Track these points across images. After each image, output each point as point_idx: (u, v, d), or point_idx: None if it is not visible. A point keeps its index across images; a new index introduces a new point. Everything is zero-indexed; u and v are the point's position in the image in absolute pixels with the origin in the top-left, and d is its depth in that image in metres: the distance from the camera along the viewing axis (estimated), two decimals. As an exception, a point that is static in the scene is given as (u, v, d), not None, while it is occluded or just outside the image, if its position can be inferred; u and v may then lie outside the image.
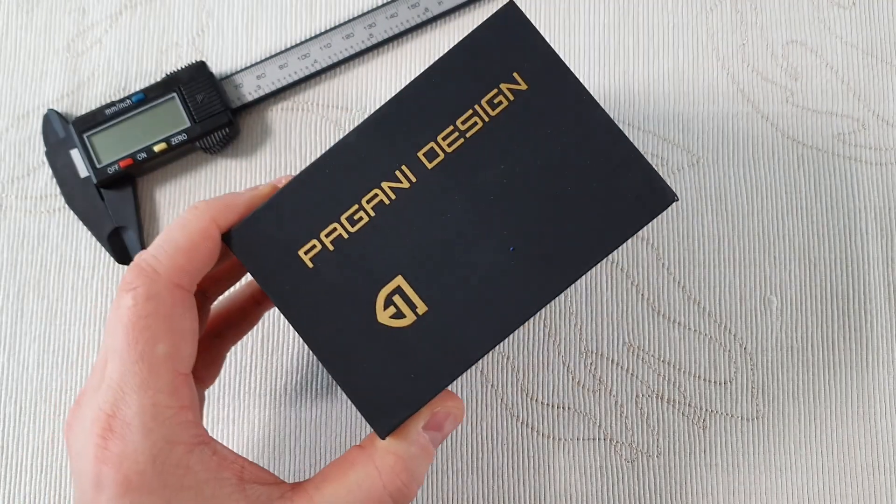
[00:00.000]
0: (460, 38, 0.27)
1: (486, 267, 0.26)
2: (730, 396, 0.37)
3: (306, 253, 0.27)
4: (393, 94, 0.27)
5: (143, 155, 0.38)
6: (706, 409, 0.37)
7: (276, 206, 0.27)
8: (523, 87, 0.27)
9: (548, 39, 0.41)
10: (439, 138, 0.27)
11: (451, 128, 0.27)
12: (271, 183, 0.29)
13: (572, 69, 0.39)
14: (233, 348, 0.37)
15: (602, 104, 0.40)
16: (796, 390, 0.37)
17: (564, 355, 0.38)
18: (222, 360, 0.33)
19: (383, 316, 0.26)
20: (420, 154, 0.27)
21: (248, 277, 0.35)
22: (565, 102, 0.27)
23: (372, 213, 0.27)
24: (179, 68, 0.39)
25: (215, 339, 0.32)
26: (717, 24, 0.41)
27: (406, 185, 0.27)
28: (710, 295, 0.38)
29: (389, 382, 0.26)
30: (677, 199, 0.27)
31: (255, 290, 0.33)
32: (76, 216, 0.39)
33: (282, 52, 0.40)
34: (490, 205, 0.27)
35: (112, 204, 0.38)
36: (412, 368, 0.26)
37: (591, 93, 0.27)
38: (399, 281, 0.26)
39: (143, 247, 0.38)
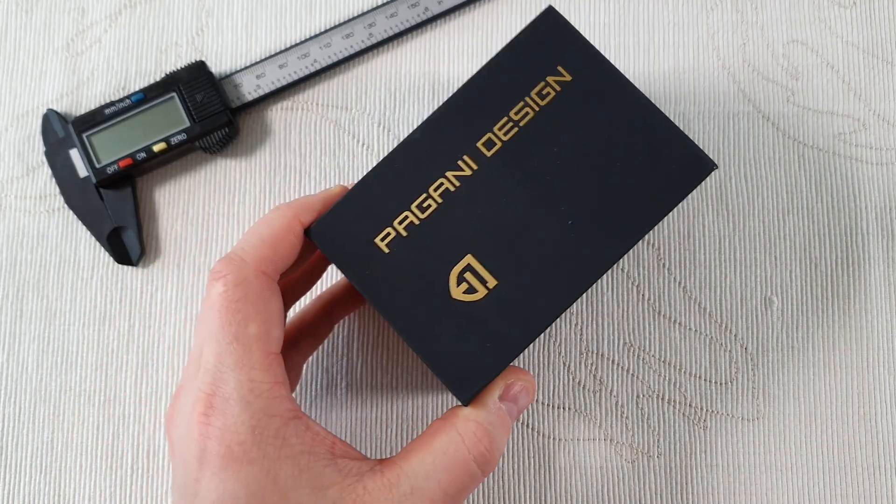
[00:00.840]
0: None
1: (548, 240, 0.29)
2: (730, 397, 0.37)
3: (382, 240, 0.29)
4: (446, 96, 0.30)
5: (143, 155, 0.38)
6: (707, 410, 0.37)
7: (351, 201, 0.29)
8: (568, 78, 0.30)
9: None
10: (495, 129, 0.30)
11: (506, 119, 0.30)
12: (340, 185, 0.31)
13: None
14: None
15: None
16: (797, 390, 0.37)
17: (565, 355, 0.37)
18: (300, 371, 0.35)
19: (457, 292, 0.28)
20: (479, 144, 0.30)
21: (318, 291, 0.36)
22: (606, 88, 0.30)
23: (439, 200, 0.29)
24: (179, 68, 0.39)
25: (292, 349, 0.33)
26: (717, 24, 0.41)
27: (468, 172, 0.29)
28: (711, 295, 0.38)
29: (467, 352, 0.28)
30: (717, 167, 0.29)
31: (326, 303, 0.35)
32: (75, 216, 0.39)
33: (281, 52, 0.40)
34: (546, 184, 0.29)
35: (111, 204, 0.38)
36: (487, 338, 0.28)
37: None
38: (469, 259, 0.29)
39: (143, 247, 0.38)
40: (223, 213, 0.39)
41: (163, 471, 0.37)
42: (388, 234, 0.29)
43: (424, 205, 0.29)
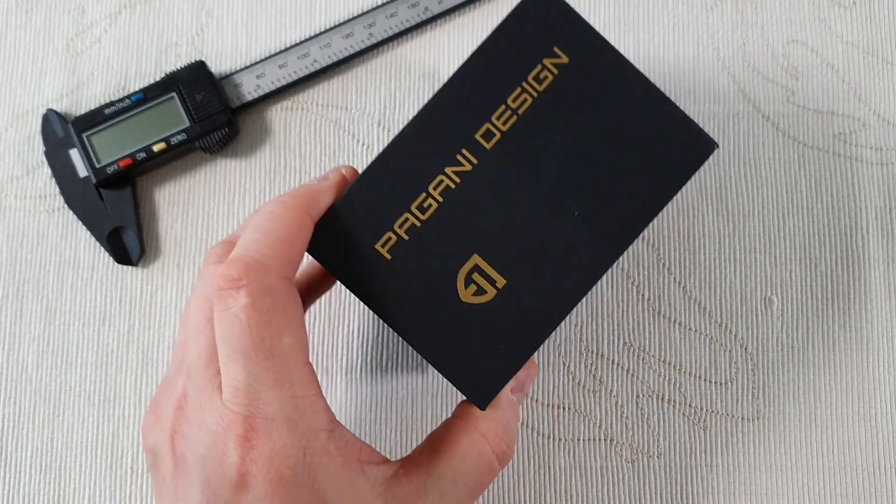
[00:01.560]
0: (495, 24, 0.29)
1: (555, 233, 0.28)
2: (730, 397, 0.37)
3: (383, 246, 0.28)
4: (439, 87, 0.28)
5: (143, 155, 0.38)
6: (707, 410, 0.37)
7: (346, 207, 0.28)
8: (565, 59, 0.28)
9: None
10: (493, 118, 0.28)
11: (504, 107, 0.28)
12: (336, 169, 0.29)
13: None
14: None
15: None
16: (797, 390, 0.37)
17: (564, 355, 0.37)
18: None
19: (466, 294, 0.27)
20: (478, 136, 0.28)
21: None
22: (604, 69, 0.28)
23: (440, 199, 0.28)
24: (179, 68, 0.39)
25: None
26: (717, 23, 0.41)
27: (468, 167, 0.28)
28: (711, 295, 0.38)
29: (482, 356, 0.27)
30: (717, 146, 0.29)
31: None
32: (75, 216, 0.39)
33: (281, 52, 0.40)
34: (550, 174, 0.28)
35: (111, 204, 0.38)
36: (501, 339, 0.27)
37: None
38: (476, 259, 0.28)
39: (143, 247, 0.38)
40: (223, 213, 0.39)
41: (163, 471, 0.37)
42: (389, 238, 0.28)
43: (425, 205, 0.28)
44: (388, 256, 0.28)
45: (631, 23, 0.41)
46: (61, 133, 0.39)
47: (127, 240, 0.38)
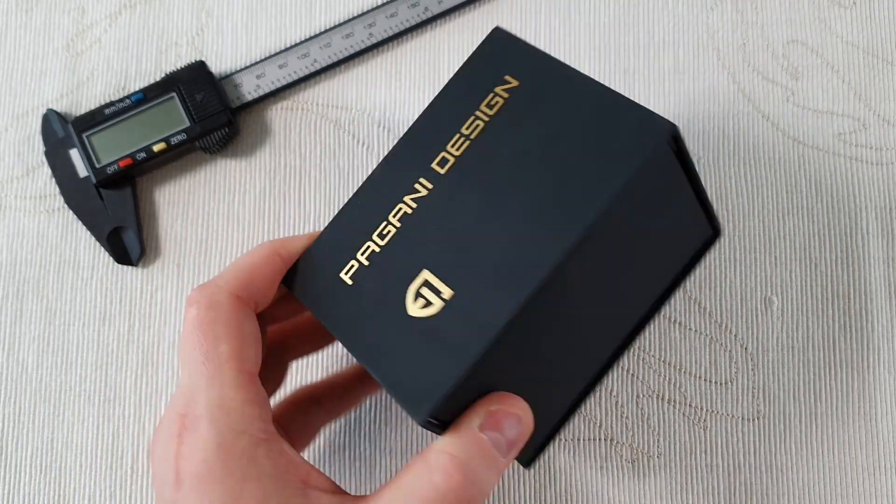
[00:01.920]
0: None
1: (502, 240, 0.27)
2: (730, 397, 0.37)
3: (346, 273, 0.29)
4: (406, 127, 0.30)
5: (143, 155, 0.38)
6: (707, 410, 0.37)
7: (320, 244, 0.30)
8: (515, 84, 0.29)
9: (548, 39, 0.41)
10: (448, 147, 0.29)
11: (458, 135, 0.29)
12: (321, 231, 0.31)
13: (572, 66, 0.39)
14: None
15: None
16: (797, 390, 0.37)
17: (565, 355, 0.37)
18: (285, 368, 0.34)
19: (413, 309, 0.27)
20: (433, 165, 0.29)
21: None
22: (554, 83, 0.28)
23: (398, 225, 0.29)
24: (179, 68, 0.39)
25: (279, 347, 0.33)
26: (717, 24, 0.41)
27: (424, 193, 0.29)
28: (711, 295, 0.38)
29: (424, 368, 0.26)
30: (674, 127, 0.26)
31: None
32: (75, 216, 0.39)
33: (281, 52, 0.40)
34: (501, 187, 0.28)
35: (111, 204, 0.38)
36: (444, 350, 0.26)
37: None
38: (425, 274, 0.28)
39: (143, 247, 0.38)
40: (223, 213, 0.39)
41: (163, 471, 0.37)
42: (352, 266, 0.29)
43: (384, 232, 0.29)
44: (350, 282, 0.28)
45: (631, 23, 0.41)
46: (61, 133, 0.39)
47: (127, 240, 0.38)
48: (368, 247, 0.29)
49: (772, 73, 0.40)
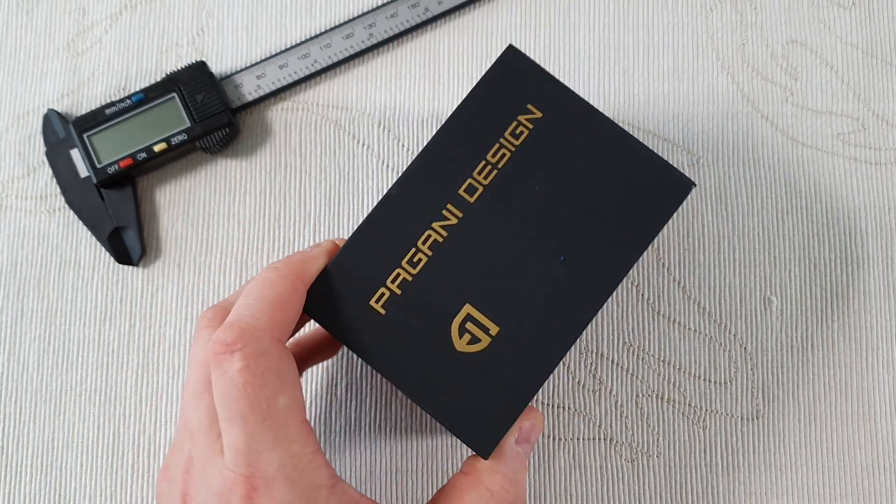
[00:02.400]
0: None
1: (543, 279, 0.28)
2: (730, 396, 0.37)
3: (377, 301, 0.28)
4: (424, 145, 0.30)
5: (143, 155, 0.38)
6: (706, 409, 0.37)
7: (340, 266, 0.29)
8: (538, 115, 0.30)
9: (548, 39, 0.41)
10: (475, 174, 0.29)
11: (484, 163, 0.29)
12: (330, 240, 0.30)
13: (573, 70, 0.40)
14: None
15: (602, 104, 0.40)
16: (796, 390, 0.37)
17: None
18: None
19: (461, 344, 0.28)
20: (461, 191, 0.29)
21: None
22: (577, 120, 0.30)
23: (429, 253, 0.29)
24: (179, 68, 0.39)
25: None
26: (716, 24, 0.41)
27: (454, 221, 0.29)
28: (710, 295, 0.38)
29: (481, 405, 0.27)
30: (695, 185, 0.30)
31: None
32: (76, 216, 0.39)
33: (282, 52, 0.40)
34: (533, 222, 0.29)
35: (112, 204, 0.38)
36: (498, 387, 0.28)
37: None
38: (468, 309, 0.28)
39: (143, 247, 0.38)
40: (223, 213, 0.39)
41: (163, 470, 0.37)
42: (383, 294, 0.28)
43: (415, 259, 0.28)
44: (383, 311, 0.28)
45: (631, 23, 0.41)
46: (62, 133, 0.39)
47: (128, 240, 0.38)
48: (399, 274, 0.28)
49: (771, 73, 0.40)
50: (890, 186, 0.39)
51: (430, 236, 0.29)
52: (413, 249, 0.29)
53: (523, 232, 0.29)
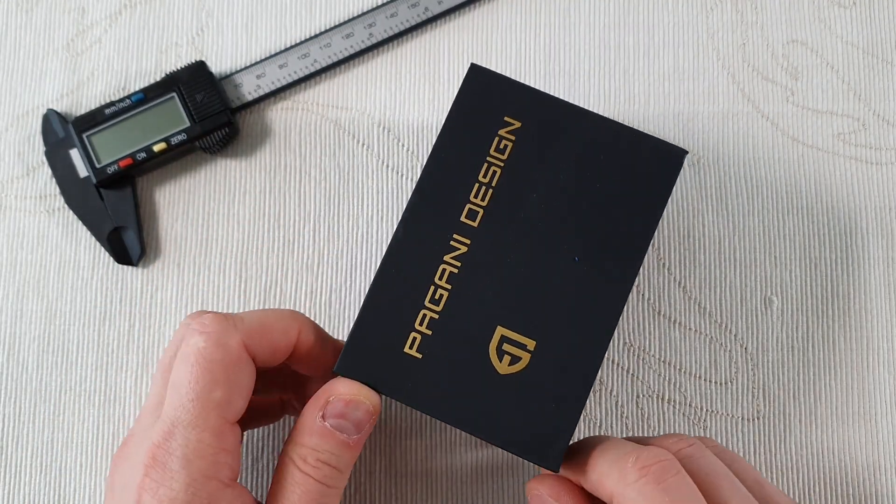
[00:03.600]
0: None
1: (564, 283, 0.28)
2: (730, 397, 0.37)
3: (411, 347, 0.28)
4: (422, 163, 0.31)
5: (143, 155, 0.38)
6: (707, 410, 0.37)
7: (366, 322, 0.29)
8: (517, 125, 0.30)
9: (548, 39, 0.41)
10: (472, 198, 0.29)
11: (477, 185, 0.29)
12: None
13: (573, 70, 0.40)
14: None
15: (602, 104, 0.40)
16: (797, 390, 0.37)
17: (565, 355, 0.37)
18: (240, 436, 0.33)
19: (503, 367, 0.28)
20: (463, 219, 0.29)
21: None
22: (556, 120, 0.30)
23: (448, 287, 0.29)
24: (179, 68, 0.39)
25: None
26: (717, 24, 0.41)
27: (464, 249, 0.29)
28: (711, 295, 0.38)
29: (538, 420, 0.28)
30: (687, 152, 0.30)
31: (284, 393, 0.34)
32: (75, 216, 0.39)
33: (281, 52, 0.40)
34: (539, 230, 0.29)
35: (111, 204, 0.38)
36: (548, 401, 0.28)
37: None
38: (501, 330, 0.28)
39: (143, 247, 0.38)
40: (223, 213, 0.39)
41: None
42: (415, 339, 0.28)
43: (436, 297, 0.28)
44: (419, 356, 0.28)
45: (631, 23, 0.41)
46: (61, 133, 0.39)
47: (127, 240, 0.38)
48: (425, 315, 0.28)
49: (772, 73, 0.40)
50: (891, 186, 0.39)
51: (444, 270, 0.29)
52: (432, 287, 0.29)
53: (533, 242, 0.29)
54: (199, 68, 0.39)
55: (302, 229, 0.39)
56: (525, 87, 0.30)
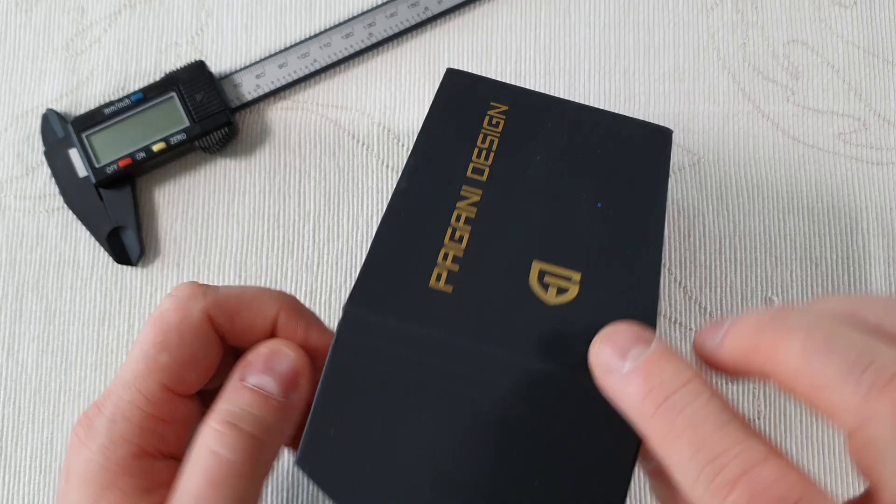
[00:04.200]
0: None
1: (592, 223, 0.28)
2: (730, 397, 0.37)
3: (437, 281, 0.26)
4: (413, 142, 0.30)
5: (142, 154, 0.38)
6: (707, 410, 0.37)
7: (378, 263, 0.26)
8: (505, 107, 0.30)
9: (548, 39, 0.41)
10: (474, 158, 0.29)
11: (477, 150, 0.29)
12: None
13: (573, 69, 0.40)
14: None
15: (603, 103, 0.40)
16: (797, 390, 0.37)
17: (565, 355, 0.37)
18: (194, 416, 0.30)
19: (551, 298, 0.26)
20: (469, 174, 0.29)
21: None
22: (541, 108, 0.30)
23: (468, 228, 0.27)
24: (178, 68, 0.39)
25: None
26: (717, 23, 0.41)
27: (477, 198, 0.28)
28: (711, 295, 0.38)
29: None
30: (671, 131, 0.30)
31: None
32: (75, 216, 0.39)
33: (281, 52, 0.40)
34: (553, 183, 0.29)
35: (111, 204, 0.38)
36: (620, 320, 0.25)
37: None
38: (538, 265, 0.26)
39: (142, 247, 0.38)
40: (223, 213, 0.39)
41: (162, 471, 0.37)
42: (440, 274, 0.26)
43: (457, 237, 0.27)
44: (449, 289, 0.25)
45: (631, 23, 0.41)
46: (61, 133, 0.39)
47: (126, 240, 0.38)
48: (447, 253, 0.26)
49: (772, 72, 0.40)
50: (892, 186, 0.39)
51: (460, 215, 0.27)
52: (450, 229, 0.27)
53: (549, 192, 0.28)
54: (198, 68, 0.39)
55: (302, 229, 0.39)
56: (507, 84, 0.31)
